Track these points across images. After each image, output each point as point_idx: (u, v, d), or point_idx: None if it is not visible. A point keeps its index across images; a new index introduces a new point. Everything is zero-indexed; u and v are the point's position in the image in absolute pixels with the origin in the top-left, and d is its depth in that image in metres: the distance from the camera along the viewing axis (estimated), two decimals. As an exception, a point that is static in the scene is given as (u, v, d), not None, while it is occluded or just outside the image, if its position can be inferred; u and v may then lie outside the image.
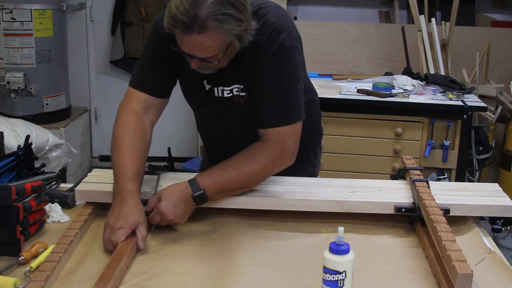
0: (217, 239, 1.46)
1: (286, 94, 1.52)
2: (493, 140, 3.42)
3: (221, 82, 1.57)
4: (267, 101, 1.52)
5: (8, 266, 1.29)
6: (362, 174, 3.12)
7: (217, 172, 1.50)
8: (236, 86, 1.56)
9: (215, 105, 1.62)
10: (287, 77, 1.51)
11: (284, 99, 1.52)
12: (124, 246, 1.33)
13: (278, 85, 1.51)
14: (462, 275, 1.12)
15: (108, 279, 1.17)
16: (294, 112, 1.53)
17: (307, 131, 1.62)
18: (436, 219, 1.36)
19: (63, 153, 3.19)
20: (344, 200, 1.55)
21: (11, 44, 3.75)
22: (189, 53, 1.40)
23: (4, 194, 1.33)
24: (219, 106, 1.61)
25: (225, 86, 1.57)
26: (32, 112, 3.82)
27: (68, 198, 1.64)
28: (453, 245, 1.23)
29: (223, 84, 1.57)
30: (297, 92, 1.54)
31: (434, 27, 3.53)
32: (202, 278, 1.27)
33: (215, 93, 1.59)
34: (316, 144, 1.90)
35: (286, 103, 1.52)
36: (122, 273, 1.26)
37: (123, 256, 1.28)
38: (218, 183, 1.49)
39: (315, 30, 3.94)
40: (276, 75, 1.50)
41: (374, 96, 3.13)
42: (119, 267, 1.23)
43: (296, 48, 1.52)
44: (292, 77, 1.52)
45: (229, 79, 1.55)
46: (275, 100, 1.52)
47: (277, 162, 1.53)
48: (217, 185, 1.49)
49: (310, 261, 1.33)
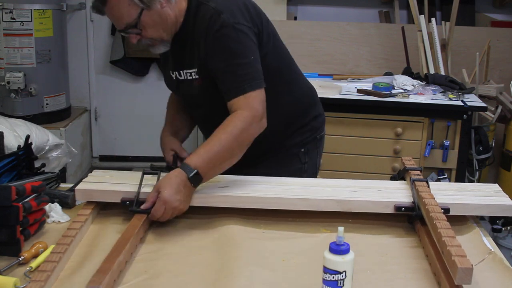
0: (217, 239, 1.46)
1: (237, 67, 1.61)
2: (493, 140, 3.42)
3: (181, 66, 1.73)
4: (222, 77, 1.63)
5: (8, 266, 1.29)
6: (362, 174, 3.12)
7: (202, 149, 1.56)
8: (192, 70, 1.70)
9: (183, 89, 1.78)
10: (234, 52, 1.61)
11: (237, 71, 1.61)
12: (123, 241, 1.33)
13: (227, 61, 1.61)
14: (462, 269, 1.12)
15: (106, 272, 1.18)
16: (250, 80, 1.61)
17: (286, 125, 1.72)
18: (436, 216, 1.36)
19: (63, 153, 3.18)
20: (344, 199, 1.55)
21: (11, 44, 3.75)
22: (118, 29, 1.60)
23: (4, 194, 1.33)
24: (187, 89, 1.76)
25: (185, 69, 1.72)
26: (32, 112, 3.82)
27: (68, 198, 1.64)
28: (453, 241, 1.23)
29: (183, 67, 1.72)
30: (249, 63, 1.62)
31: (434, 27, 3.53)
32: (202, 278, 1.27)
33: (180, 76, 1.75)
34: (306, 139, 1.90)
35: (240, 75, 1.60)
36: (121, 267, 1.26)
37: (122, 250, 1.28)
38: (207, 159, 1.54)
39: (315, 30, 3.94)
40: (222, 53, 1.61)
41: (374, 96, 3.13)
42: (117, 261, 1.23)
43: (240, 24, 1.61)
44: (239, 52, 1.61)
45: (187, 63, 1.71)
46: (229, 74, 1.62)
47: (251, 122, 1.58)
48: (206, 160, 1.53)
49: (310, 261, 1.33)
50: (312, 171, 1.94)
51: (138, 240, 1.42)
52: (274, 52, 1.75)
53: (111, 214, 1.60)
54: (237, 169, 1.68)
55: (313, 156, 1.94)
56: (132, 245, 1.36)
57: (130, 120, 4.67)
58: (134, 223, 1.44)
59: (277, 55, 1.77)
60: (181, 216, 1.54)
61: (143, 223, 1.46)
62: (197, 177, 1.51)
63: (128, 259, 1.32)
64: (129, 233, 1.38)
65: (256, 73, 1.62)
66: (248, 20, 1.64)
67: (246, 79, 1.60)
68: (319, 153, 1.98)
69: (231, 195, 1.56)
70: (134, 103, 4.63)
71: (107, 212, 1.61)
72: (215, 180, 1.64)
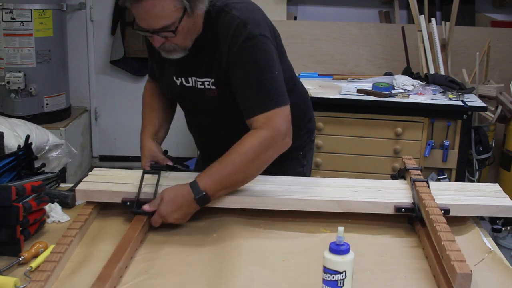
0: (217, 239, 1.46)
1: (262, 82, 1.53)
2: (493, 140, 3.42)
3: (192, 73, 1.63)
4: (245, 92, 1.55)
5: (8, 266, 1.29)
6: (362, 174, 3.12)
7: (214, 170, 1.50)
8: (208, 79, 1.60)
9: (188, 97, 1.69)
10: (260, 65, 1.53)
11: (262, 87, 1.53)
12: (123, 245, 1.33)
13: (252, 75, 1.53)
14: (461, 275, 1.12)
15: (106, 279, 1.18)
16: (275, 96, 1.53)
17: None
18: (436, 219, 1.36)
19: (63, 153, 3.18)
20: (344, 200, 1.55)
21: (11, 44, 3.75)
22: (147, 28, 1.46)
23: (4, 194, 1.33)
24: (193, 97, 1.67)
25: (198, 77, 1.62)
26: (32, 112, 3.82)
27: (68, 198, 1.64)
28: (452, 245, 1.23)
29: (196, 75, 1.62)
30: (273, 77, 1.55)
31: (434, 27, 3.53)
32: (202, 278, 1.27)
33: (187, 83, 1.65)
34: (304, 142, 1.89)
35: (265, 90, 1.53)
36: (121, 273, 1.26)
37: (122, 256, 1.28)
38: (218, 181, 1.49)
39: (315, 30, 3.94)
40: (248, 66, 1.53)
41: (374, 96, 3.13)
42: (117, 267, 1.23)
43: (265, 37, 1.54)
44: (265, 65, 1.54)
45: (201, 72, 1.61)
46: (253, 90, 1.53)
47: (271, 144, 1.52)
48: (217, 183, 1.49)
49: (310, 261, 1.33)
50: (309, 173, 1.95)
51: (138, 244, 1.42)
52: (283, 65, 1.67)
53: (111, 214, 1.60)
54: None
55: (309, 158, 1.94)
56: (132, 250, 1.36)
57: (130, 120, 4.66)
58: (134, 226, 1.44)
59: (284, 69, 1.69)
60: (181, 216, 1.55)
61: (143, 226, 1.46)
62: (204, 198, 1.48)
63: (127, 264, 1.32)
64: (130, 236, 1.38)
65: (281, 88, 1.55)
66: (270, 32, 1.58)
67: (271, 95, 1.52)
68: (312, 154, 1.98)
69: (231, 195, 1.56)
70: (134, 103, 4.60)
71: (107, 212, 1.61)
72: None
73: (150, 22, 1.44)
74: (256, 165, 1.52)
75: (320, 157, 3.17)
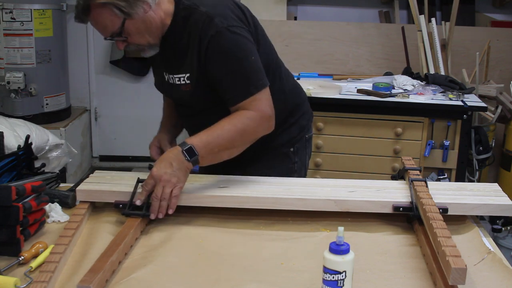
0: (216, 239, 1.46)
1: (240, 70, 1.59)
2: (493, 140, 3.42)
3: (172, 70, 1.70)
4: (225, 82, 1.61)
5: (8, 266, 1.29)
6: (362, 174, 3.12)
7: (203, 132, 1.57)
8: (182, 75, 1.67)
9: (173, 94, 1.76)
10: (234, 55, 1.58)
11: (240, 75, 1.59)
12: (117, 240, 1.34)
13: (229, 65, 1.59)
14: (456, 269, 1.12)
15: (98, 271, 1.18)
16: (255, 81, 1.60)
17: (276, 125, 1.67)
18: (433, 216, 1.37)
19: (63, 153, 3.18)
20: (343, 199, 1.55)
21: (11, 44, 3.75)
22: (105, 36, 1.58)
23: (4, 194, 1.33)
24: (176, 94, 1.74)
25: (174, 73, 1.70)
26: (32, 112, 3.83)
27: (68, 198, 1.64)
28: (448, 241, 1.23)
29: (173, 72, 1.70)
30: (250, 64, 1.60)
31: (434, 27, 3.53)
32: (202, 278, 1.27)
33: (170, 80, 1.73)
34: (295, 139, 1.89)
35: (245, 77, 1.60)
36: (114, 266, 1.27)
37: (115, 250, 1.29)
38: (205, 140, 1.55)
39: (315, 30, 3.94)
40: (222, 57, 1.58)
41: (374, 96, 3.13)
42: (110, 261, 1.24)
43: (233, 27, 1.59)
44: (238, 53, 1.59)
45: (175, 68, 1.68)
46: (233, 79, 1.60)
47: (258, 122, 1.59)
48: (204, 141, 1.54)
49: (310, 261, 1.33)
50: (301, 172, 1.94)
51: (133, 241, 1.42)
52: (263, 49, 1.72)
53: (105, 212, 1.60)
54: (226, 171, 1.69)
55: (303, 156, 1.93)
56: (126, 246, 1.36)
57: (130, 120, 4.67)
58: (129, 224, 1.45)
59: (265, 53, 1.74)
60: (180, 215, 1.55)
61: (138, 224, 1.46)
62: (191, 151, 1.52)
63: (121, 259, 1.33)
64: (124, 233, 1.39)
65: (257, 73, 1.61)
66: (241, 20, 1.63)
67: (249, 82, 1.59)
68: (308, 154, 1.96)
69: (231, 195, 1.56)
70: (134, 103, 4.63)
71: (101, 210, 1.61)
72: (215, 181, 1.64)
73: (102, 31, 1.58)
74: (243, 137, 1.59)
75: (320, 157, 3.17)
